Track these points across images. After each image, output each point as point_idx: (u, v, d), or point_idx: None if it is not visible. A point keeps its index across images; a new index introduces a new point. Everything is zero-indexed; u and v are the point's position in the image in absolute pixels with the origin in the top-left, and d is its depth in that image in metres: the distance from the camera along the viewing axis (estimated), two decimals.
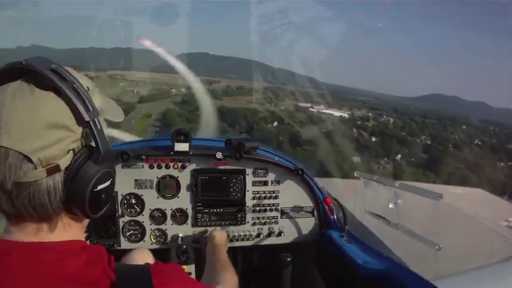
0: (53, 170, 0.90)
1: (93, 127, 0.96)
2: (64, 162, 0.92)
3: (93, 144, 0.98)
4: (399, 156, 42.33)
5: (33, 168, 0.88)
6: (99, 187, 1.00)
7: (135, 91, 49.91)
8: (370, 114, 51.64)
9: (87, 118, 0.95)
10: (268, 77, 46.82)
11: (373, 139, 45.62)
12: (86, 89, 0.99)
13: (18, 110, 0.88)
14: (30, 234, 0.94)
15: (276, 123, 42.26)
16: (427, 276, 1.87)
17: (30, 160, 0.87)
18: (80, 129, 0.95)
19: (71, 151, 0.94)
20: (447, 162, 37.19)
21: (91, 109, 0.96)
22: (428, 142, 45.84)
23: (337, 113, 49.64)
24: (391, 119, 50.84)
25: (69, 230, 1.00)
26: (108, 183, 1.03)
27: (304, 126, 42.43)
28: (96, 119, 0.97)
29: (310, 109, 49.58)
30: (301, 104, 50.26)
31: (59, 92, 0.92)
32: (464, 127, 46.46)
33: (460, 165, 36.23)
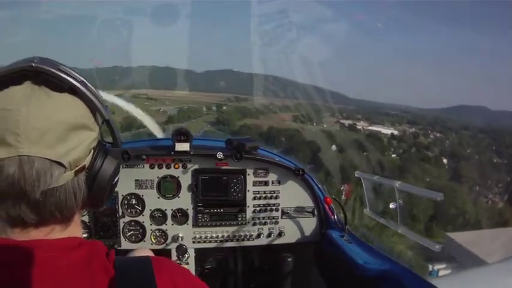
0: (79, 170, 0.90)
1: (111, 124, 0.99)
2: (87, 161, 0.93)
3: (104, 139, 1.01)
4: (489, 182, 38.86)
5: (63, 172, 0.86)
6: (115, 180, 1.04)
7: (161, 110, 45.73)
8: (415, 130, 49.34)
9: (106, 116, 0.96)
10: (294, 93, 44.33)
11: (445, 161, 42.46)
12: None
13: (37, 115, 0.84)
14: (43, 234, 0.91)
15: (334, 146, 35.58)
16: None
17: (61, 164, 0.85)
18: (97, 127, 0.96)
19: (92, 149, 0.94)
20: None
21: (106, 106, 0.96)
22: (500, 161, 42.18)
23: (385, 130, 47.75)
24: (438, 134, 48.19)
25: (77, 226, 1.00)
26: (119, 174, 1.07)
27: (371, 150, 37.91)
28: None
29: (357, 126, 47.84)
30: (343, 121, 48.26)
31: (75, 92, 0.91)
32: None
33: None
